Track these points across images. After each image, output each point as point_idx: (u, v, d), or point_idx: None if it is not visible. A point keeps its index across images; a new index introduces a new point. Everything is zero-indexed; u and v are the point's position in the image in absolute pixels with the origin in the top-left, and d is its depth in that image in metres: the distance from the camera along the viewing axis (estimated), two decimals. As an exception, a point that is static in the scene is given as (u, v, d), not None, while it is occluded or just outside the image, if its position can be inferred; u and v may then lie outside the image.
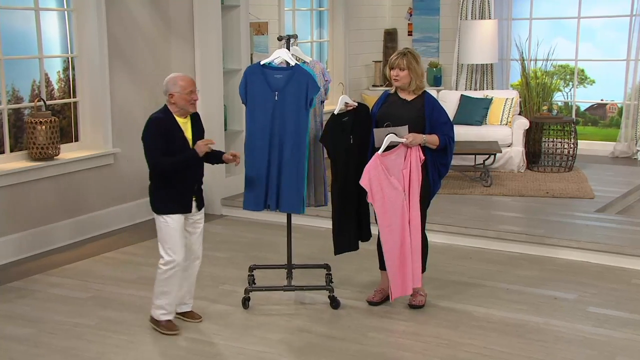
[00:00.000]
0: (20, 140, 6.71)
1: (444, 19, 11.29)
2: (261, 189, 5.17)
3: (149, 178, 4.86)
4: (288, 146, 5.10)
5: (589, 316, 5.15)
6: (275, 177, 5.15)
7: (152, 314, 4.95)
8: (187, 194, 4.84)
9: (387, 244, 5.08)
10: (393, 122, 5.06)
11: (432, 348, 4.67)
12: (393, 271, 5.10)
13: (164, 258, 4.82)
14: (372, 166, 4.98)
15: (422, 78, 5.16)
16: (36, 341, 4.81)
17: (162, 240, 4.81)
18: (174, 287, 4.86)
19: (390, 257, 5.09)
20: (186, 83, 4.71)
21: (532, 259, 6.38)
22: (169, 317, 4.91)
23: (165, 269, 4.82)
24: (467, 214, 7.28)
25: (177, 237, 4.78)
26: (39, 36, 6.79)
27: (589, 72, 10.96)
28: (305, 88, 5.05)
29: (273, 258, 6.28)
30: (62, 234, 6.84)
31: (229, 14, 7.98)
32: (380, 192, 4.98)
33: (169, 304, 4.87)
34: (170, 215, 4.76)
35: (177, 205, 4.79)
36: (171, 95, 4.70)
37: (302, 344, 4.77)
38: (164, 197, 4.78)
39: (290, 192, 5.12)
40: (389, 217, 5.03)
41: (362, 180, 4.97)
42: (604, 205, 7.64)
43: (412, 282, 5.15)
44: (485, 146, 8.72)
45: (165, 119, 4.73)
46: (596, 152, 10.50)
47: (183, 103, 4.72)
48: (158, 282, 4.86)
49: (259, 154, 5.14)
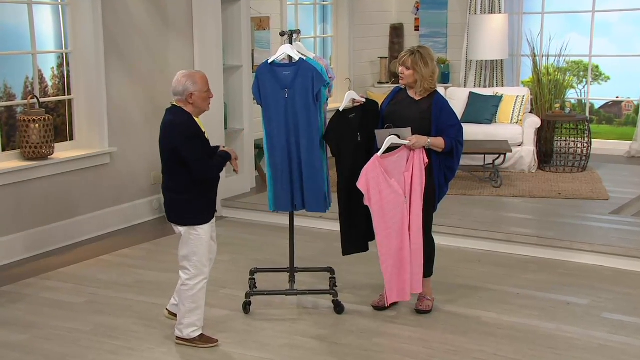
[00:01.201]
0: (13, 139, 6.68)
1: (452, 13, 11.29)
2: (287, 189, 5.20)
3: (173, 190, 4.63)
4: (304, 144, 5.12)
5: (603, 322, 5.10)
6: (298, 176, 5.18)
7: (179, 334, 4.77)
8: (215, 196, 4.77)
9: (383, 248, 5.07)
10: (397, 121, 5.03)
11: (439, 354, 4.64)
12: (388, 275, 5.10)
13: (190, 272, 4.66)
14: (370, 168, 4.95)
15: (432, 79, 5.07)
16: (29, 347, 4.77)
17: (191, 253, 4.64)
18: (203, 300, 4.73)
19: (386, 260, 5.09)
20: (204, 80, 4.55)
21: (543, 263, 6.33)
22: (200, 331, 4.77)
23: (192, 284, 4.67)
24: (476, 216, 7.26)
25: (207, 248, 4.69)
26: (32, 31, 6.73)
27: (603, 69, 10.95)
28: (311, 82, 5.04)
29: (275, 261, 6.25)
30: (56, 236, 6.80)
31: (229, 8, 7.97)
32: (377, 194, 4.97)
33: (199, 319, 4.74)
34: (202, 226, 4.64)
35: (210, 211, 4.70)
36: (191, 94, 4.50)
37: (305, 350, 4.74)
38: (199, 207, 4.63)
39: (312, 191, 5.16)
40: (387, 220, 5.02)
41: (359, 182, 4.95)
42: (618, 207, 7.59)
43: (412, 287, 5.13)
44: (495, 145, 8.69)
45: (190, 121, 4.54)
46: (611, 151, 10.45)
47: (201, 102, 4.55)
48: (186, 300, 4.68)
49: (279, 154, 5.16)
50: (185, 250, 4.66)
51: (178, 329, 4.76)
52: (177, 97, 4.55)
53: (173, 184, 4.61)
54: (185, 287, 4.67)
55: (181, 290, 4.70)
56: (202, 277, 4.68)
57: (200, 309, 4.72)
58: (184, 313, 4.70)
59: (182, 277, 4.69)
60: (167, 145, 4.54)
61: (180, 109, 4.55)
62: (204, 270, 4.68)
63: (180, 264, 4.70)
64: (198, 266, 4.65)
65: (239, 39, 7.99)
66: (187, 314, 4.70)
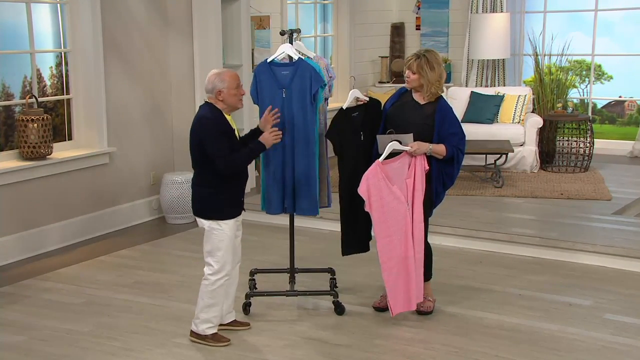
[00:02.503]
0: (11, 138, 6.67)
1: (454, 12, 11.28)
2: (279, 192, 5.19)
3: (199, 184, 4.72)
4: (299, 145, 5.11)
5: (606, 324, 5.08)
6: (291, 179, 5.16)
7: (194, 329, 4.83)
8: (242, 194, 4.80)
9: (385, 256, 5.00)
10: (399, 124, 5.00)
11: (441, 356, 4.63)
12: (391, 285, 5.03)
13: (213, 267, 4.71)
14: (371, 173, 4.92)
15: (439, 84, 5.04)
16: (28, 349, 4.76)
17: (214, 249, 4.70)
18: (222, 297, 4.79)
19: (388, 269, 5.02)
20: (233, 78, 4.64)
21: (545, 264, 6.31)
22: (214, 330, 4.82)
23: (214, 279, 4.71)
24: (477, 216, 7.24)
25: (230, 245, 4.72)
26: (30, 30, 6.72)
27: (606, 68, 10.93)
28: (309, 82, 5.03)
29: (275, 262, 6.24)
30: (54, 236, 6.78)
31: (229, 7, 7.97)
32: (379, 201, 4.92)
33: (215, 316, 4.80)
34: (226, 222, 4.67)
35: (235, 208, 4.74)
36: (219, 92, 4.61)
37: (305, 351, 4.72)
38: (223, 201, 4.69)
39: (304, 193, 5.15)
40: (388, 227, 4.97)
41: (360, 188, 4.91)
42: (621, 207, 7.57)
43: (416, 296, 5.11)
44: (496, 145, 8.67)
45: (219, 117, 4.63)
46: (613, 151, 10.43)
47: (232, 99, 4.64)
48: (205, 295, 4.75)
49: (273, 155, 5.13)
50: (209, 246, 4.71)
51: (194, 323, 4.81)
52: (209, 95, 4.66)
53: (200, 178, 4.71)
54: (207, 282, 4.73)
55: (202, 285, 4.75)
56: (224, 274, 4.72)
57: (217, 306, 4.76)
58: (202, 308, 4.76)
59: (205, 272, 4.75)
60: (194, 139, 4.64)
61: (211, 105, 4.66)
62: (227, 267, 4.72)
63: (205, 259, 4.76)
64: (221, 262, 4.69)
65: (239, 38, 8.00)
66: (204, 309, 4.75)
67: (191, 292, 5.34)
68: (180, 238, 6.98)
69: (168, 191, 7.42)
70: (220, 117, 4.63)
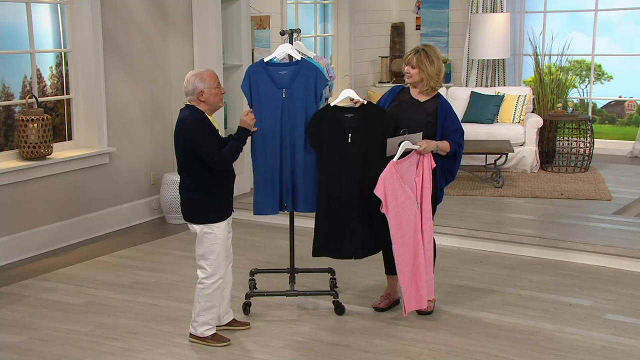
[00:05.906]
0: (11, 138, 6.66)
1: (454, 12, 11.28)
2: (276, 192, 5.12)
3: (188, 189, 4.66)
4: (300, 145, 5.05)
5: (606, 324, 5.07)
6: (290, 178, 5.11)
7: (193, 332, 4.81)
8: (231, 195, 4.76)
9: (401, 256, 4.95)
10: (404, 123, 4.96)
11: (441, 356, 4.62)
12: (406, 284, 4.99)
13: (207, 271, 4.69)
14: (387, 174, 4.85)
15: (438, 79, 5.03)
16: (27, 349, 4.75)
17: (207, 252, 4.67)
18: (218, 299, 4.78)
19: (403, 268, 4.97)
20: (212, 77, 4.59)
21: (545, 264, 6.29)
22: (213, 331, 4.81)
23: (209, 282, 4.69)
24: (477, 216, 7.22)
25: (223, 248, 4.69)
26: (30, 30, 6.71)
27: (606, 68, 10.93)
28: (314, 82, 5.02)
29: (275, 262, 6.23)
30: (54, 236, 6.77)
31: (229, 7, 7.96)
32: (394, 201, 4.88)
33: (213, 318, 4.78)
34: (218, 224, 4.64)
35: (225, 209, 4.71)
36: (201, 92, 4.55)
37: (305, 352, 4.72)
38: (214, 205, 4.64)
39: (306, 191, 5.10)
40: (402, 227, 4.93)
41: (376, 189, 4.83)
42: (621, 207, 7.56)
43: (427, 294, 5.09)
44: (496, 145, 8.66)
45: (204, 118, 4.59)
46: (613, 151, 10.43)
47: (213, 99, 4.60)
48: (201, 298, 4.72)
49: (270, 155, 5.08)
50: (202, 249, 4.68)
51: (192, 326, 4.80)
52: (190, 97, 4.60)
53: (187, 182, 4.65)
54: (202, 286, 4.70)
55: (197, 289, 4.73)
56: (218, 277, 4.70)
57: (214, 308, 4.75)
58: (199, 311, 4.74)
59: (199, 276, 4.72)
60: (180, 142, 4.58)
61: (193, 107, 4.60)
62: (220, 271, 4.70)
63: (198, 262, 4.73)
64: (215, 265, 4.67)
65: (239, 38, 7.99)
66: (201, 312, 4.73)
67: (191, 292, 5.28)
68: (180, 238, 6.97)
69: (168, 191, 7.41)
70: (204, 119, 4.58)
